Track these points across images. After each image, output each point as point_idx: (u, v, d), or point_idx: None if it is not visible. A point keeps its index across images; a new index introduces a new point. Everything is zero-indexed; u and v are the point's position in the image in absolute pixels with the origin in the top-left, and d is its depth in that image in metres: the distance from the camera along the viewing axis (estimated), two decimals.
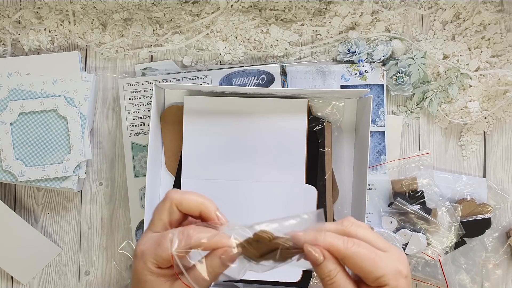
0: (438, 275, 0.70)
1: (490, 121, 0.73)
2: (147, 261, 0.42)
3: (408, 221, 0.70)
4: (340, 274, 0.41)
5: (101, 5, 0.73)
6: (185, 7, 0.72)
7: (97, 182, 0.74)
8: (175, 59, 0.73)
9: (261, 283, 0.70)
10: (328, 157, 0.70)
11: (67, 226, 0.74)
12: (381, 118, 0.72)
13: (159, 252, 0.41)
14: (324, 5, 0.72)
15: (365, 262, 0.40)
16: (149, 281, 0.42)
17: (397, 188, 0.70)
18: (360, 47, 0.71)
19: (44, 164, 0.69)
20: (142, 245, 0.43)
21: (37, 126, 0.69)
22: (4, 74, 0.68)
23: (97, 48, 0.73)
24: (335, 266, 0.41)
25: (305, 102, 0.69)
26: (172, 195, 0.44)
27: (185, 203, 0.44)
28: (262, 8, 0.73)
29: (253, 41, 0.72)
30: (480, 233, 0.70)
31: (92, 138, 0.73)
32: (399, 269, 0.41)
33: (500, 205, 0.71)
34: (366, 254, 0.40)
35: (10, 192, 0.74)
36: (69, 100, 0.69)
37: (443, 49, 0.72)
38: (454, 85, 0.71)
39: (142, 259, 0.42)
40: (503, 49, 0.71)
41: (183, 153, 0.70)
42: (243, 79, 0.71)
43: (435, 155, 0.73)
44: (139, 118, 0.72)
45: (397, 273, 0.40)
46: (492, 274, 0.72)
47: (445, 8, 0.72)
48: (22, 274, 0.73)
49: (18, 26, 0.73)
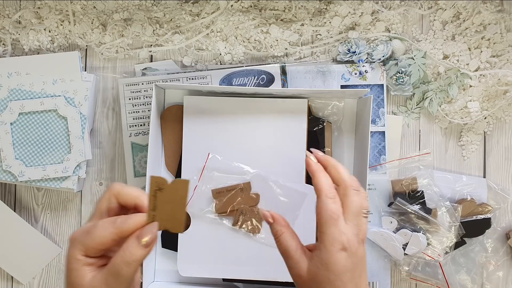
0: (438, 275, 0.70)
1: (490, 121, 0.73)
2: (76, 248, 0.42)
3: (408, 221, 0.70)
4: (284, 235, 0.48)
5: (101, 5, 0.73)
6: (185, 7, 0.72)
7: (97, 182, 0.74)
8: (175, 59, 0.73)
9: (261, 283, 0.70)
10: None
11: (67, 226, 0.74)
12: (381, 118, 0.72)
13: (87, 241, 0.41)
14: (324, 5, 0.72)
15: (326, 219, 0.46)
16: (74, 269, 0.42)
17: (397, 188, 0.70)
18: (360, 47, 0.71)
19: (44, 164, 0.69)
20: (75, 233, 0.43)
21: (37, 126, 0.69)
22: (4, 74, 0.68)
23: (97, 48, 0.73)
24: (280, 228, 0.49)
25: (305, 102, 0.69)
26: (114, 186, 0.44)
27: (123, 194, 0.44)
28: (262, 8, 0.73)
29: (253, 41, 0.72)
30: (480, 233, 0.70)
31: (92, 138, 0.73)
32: (340, 240, 0.45)
33: (500, 205, 0.71)
34: (333, 212, 0.46)
35: (10, 192, 0.74)
36: (69, 100, 0.69)
37: (443, 49, 0.72)
38: (454, 85, 0.71)
39: (72, 246, 0.42)
40: (503, 49, 0.71)
41: (183, 153, 0.70)
42: (243, 79, 0.71)
43: (435, 155, 0.73)
44: (139, 118, 0.72)
45: (338, 242, 0.45)
46: (492, 275, 0.72)
47: (445, 8, 0.72)
48: (22, 274, 0.73)
49: (18, 26, 0.73)
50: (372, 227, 0.71)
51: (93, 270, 0.42)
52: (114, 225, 0.41)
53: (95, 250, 0.41)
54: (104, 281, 0.41)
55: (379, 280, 0.71)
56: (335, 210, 0.46)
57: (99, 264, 0.42)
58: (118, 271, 0.40)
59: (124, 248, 0.41)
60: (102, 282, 0.41)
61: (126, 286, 0.42)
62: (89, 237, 0.41)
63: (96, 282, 0.41)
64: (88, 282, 0.41)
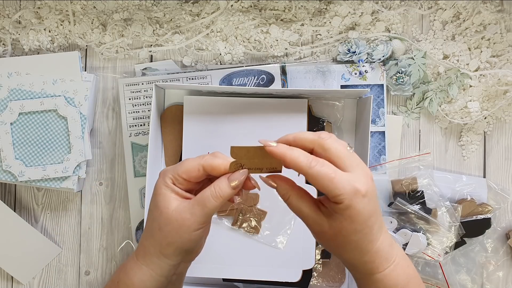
0: (438, 275, 0.70)
1: (490, 121, 0.73)
2: (166, 176, 0.48)
3: (408, 221, 0.70)
4: (292, 197, 0.47)
5: (101, 5, 0.73)
6: (185, 7, 0.72)
7: (97, 182, 0.74)
8: (175, 59, 0.73)
9: (261, 283, 0.70)
10: None
11: (67, 226, 0.74)
12: (381, 118, 0.72)
13: (177, 169, 0.47)
14: (324, 5, 0.72)
15: (324, 181, 0.43)
16: (162, 194, 0.47)
17: (397, 188, 0.70)
18: (360, 47, 0.71)
19: (44, 164, 0.69)
20: (164, 169, 0.49)
21: (37, 126, 0.69)
22: (4, 74, 0.68)
23: (97, 48, 0.73)
24: (287, 190, 0.47)
25: (305, 102, 0.69)
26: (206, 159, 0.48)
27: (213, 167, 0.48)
28: (262, 8, 0.73)
29: (253, 41, 0.72)
30: (480, 233, 0.70)
31: (92, 138, 0.73)
32: (356, 188, 0.43)
33: (500, 205, 0.71)
34: (326, 173, 0.43)
35: (10, 192, 0.74)
36: (69, 100, 0.69)
37: (443, 49, 0.72)
38: (454, 85, 0.71)
39: (163, 175, 0.48)
40: (503, 49, 0.71)
41: (183, 153, 0.70)
42: (243, 79, 0.71)
43: (435, 155, 0.73)
44: (139, 118, 0.72)
45: (354, 192, 0.43)
46: (492, 275, 0.72)
47: (445, 8, 0.72)
48: (22, 274, 0.73)
49: (18, 26, 0.73)
50: None
51: (179, 199, 0.47)
52: (202, 160, 0.47)
53: (182, 179, 0.47)
54: (189, 208, 0.46)
55: None
56: (329, 170, 0.43)
57: (184, 196, 0.48)
58: (205, 202, 0.46)
59: (215, 184, 0.46)
60: (188, 209, 0.46)
61: (206, 219, 0.47)
62: (179, 166, 0.47)
63: (182, 208, 0.47)
64: (174, 207, 0.47)
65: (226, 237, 0.69)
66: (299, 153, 0.44)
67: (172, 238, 0.47)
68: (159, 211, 0.47)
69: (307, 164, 0.44)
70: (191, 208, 0.46)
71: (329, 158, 0.45)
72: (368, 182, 0.44)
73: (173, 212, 0.47)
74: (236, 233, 0.69)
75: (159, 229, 0.47)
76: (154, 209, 0.48)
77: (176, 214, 0.46)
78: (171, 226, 0.47)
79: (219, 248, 0.69)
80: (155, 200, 0.48)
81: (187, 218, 0.46)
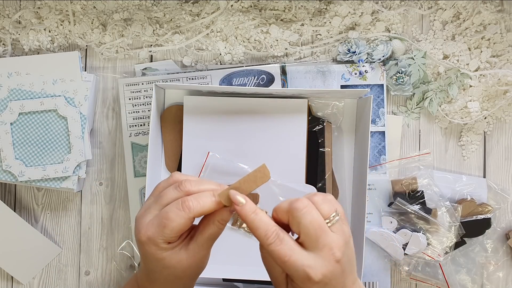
0: (438, 275, 0.70)
1: (490, 121, 0.73)
2: (157, 242, 0.45)
3: (408, 221, 0.70)
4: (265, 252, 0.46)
5: (101, 5, 0.73)
6: (185, 7, 0.72)
7: (97, 182, 0.74)
8: (175, 59, 0.73)
9: (261, 283, 0.70)
10: (328, 157, 0.70)
11: (67, 226, 0.74)
12: (381, 118, 0.72)
13: (166, 233, 0.45)
14: (324, 5, 0.72)
15: (277, 261, 0.43)
16: (167, 256, 0.46)
17: (397, 188, 0.70)
18: (360, 47, 0.71)
19: (44, 164, 0.69)
20: (145, 231, 0.46)
21: (37, 126, 0.69)
22: (4, 74, 0.68)
23: (97, 48, 0.73)
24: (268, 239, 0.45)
25: (305, 102, 0.69)
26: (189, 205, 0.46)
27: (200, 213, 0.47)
28: (262, 8, 0.73)
29: (253, 41, 0.72)
30: (480, 233, 0.70)
31: (92, 138, 0.73)
32: (308, 275, 0.42)
33: (500, 205, 0.71)
34: (280, 254, 0.42)
35: (10, 192, 0.74)
36: (69, 100, 0.69)
37: (443, 49, 0.72)
38: (454, 85, 0.71)
39: (151, 243, 0.45)
40: (503, 49, 0.71)
41: (183, 153, 0.70)
42: (243, 79, 0.71)
43: (435, 155, 0.73)
44: (139, 118, 0.72)
45: (306, 279, 0.42)
46: (492, 275, 0.72)
47: (445, 8, 0.72)
48: (22, 274, 0.73)
49: (18, 26, 0.73)
50: (372, 227, 0.71)
51: (181, 248, 0.47)
52: (188, 212, 0.44)
53: (176, 237, 0.46)
54: (198, 249, 0.47)
55: (379, 280, 0.71)
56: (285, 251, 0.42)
57: (180, 242, 0.47)
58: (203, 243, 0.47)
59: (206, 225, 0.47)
60: (197, 251, 0.47)
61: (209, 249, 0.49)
62: (166, 230, 0.45)
63: (192, 253, 0.47)
64: (185, 258, 0.47)
65: (226, 237, 0.69)
66: (260, 223, 0.44)
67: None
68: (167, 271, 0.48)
69: (264, 238, 0.43)
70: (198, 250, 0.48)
71: (298, 232, 0.43)
72: (327, 267, 0.42)
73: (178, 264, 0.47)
74: (236, 233, 0.69)
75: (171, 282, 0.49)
76: (163, 270, 0.48)
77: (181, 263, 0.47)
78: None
79: (219, 248, 0.69)
80: (159, 266, 0.47)
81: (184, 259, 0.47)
